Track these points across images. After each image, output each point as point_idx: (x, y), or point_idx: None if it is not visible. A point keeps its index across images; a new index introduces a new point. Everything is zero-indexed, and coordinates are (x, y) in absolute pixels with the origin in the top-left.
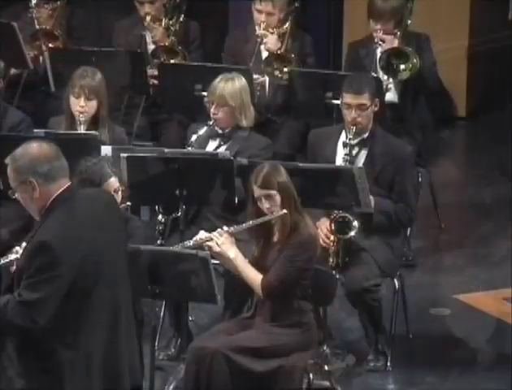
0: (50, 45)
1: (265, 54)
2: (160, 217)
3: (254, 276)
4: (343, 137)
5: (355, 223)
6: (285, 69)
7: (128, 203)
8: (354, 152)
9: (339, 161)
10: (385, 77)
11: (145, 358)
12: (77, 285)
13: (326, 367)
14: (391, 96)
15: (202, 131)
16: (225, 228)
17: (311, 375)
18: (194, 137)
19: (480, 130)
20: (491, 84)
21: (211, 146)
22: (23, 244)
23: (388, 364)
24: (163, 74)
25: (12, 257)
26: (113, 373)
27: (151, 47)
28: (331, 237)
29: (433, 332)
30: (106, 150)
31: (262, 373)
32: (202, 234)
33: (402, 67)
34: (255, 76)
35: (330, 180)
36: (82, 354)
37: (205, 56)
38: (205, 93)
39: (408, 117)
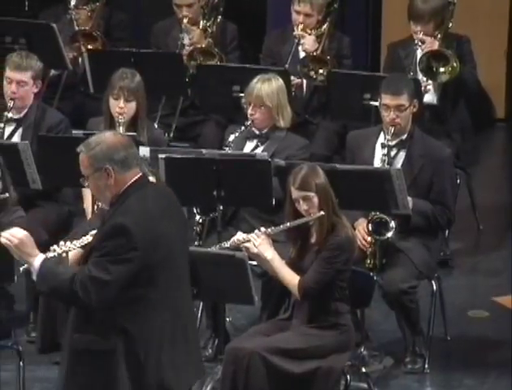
0: (89, 46)
1: (302, 55)
2: (197, 218)
3: (291, 278)
4: (381, 139)
5: (392, 225)
6: (321, 71)
7: None
8: (393, 153)
9: (377, 162)
10: (424, 79)
11: None
12: (145, 273)
13: (363, 369)
14: (430, 98)
15: (240, 132)
16: (262, 229)
17: (348, 377)
18: (232, 138)
19: None
20: None
21: (249, 147)
22: (61, 243)
23: (426, 366)
24: (201, 75)
25: (50, 255)
26: (176, 366)
27: (188, 49)
28: (369, 238)
29: (471, 334)
30: (144, 151)
31: (300, 374)
32: (240, 235)
33: (442, 69)
34: (291, 77)
35: (368, 182)
36: (140, 343)
37: (242, 57)
38: (242, 95)
39: (447, 119)
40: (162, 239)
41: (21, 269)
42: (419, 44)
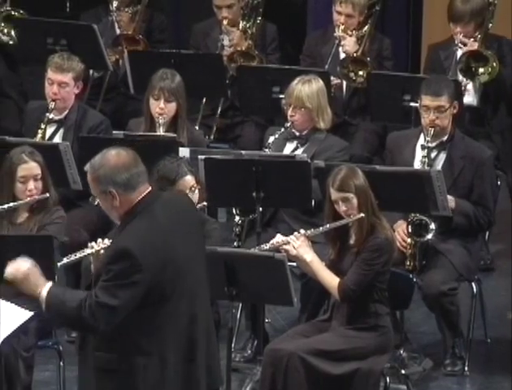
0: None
1: (342, 56)
2: (237, 219)
3: (331, 279)
4: (421, 140)
5: (432, 226)
6: (360, 72)
7: (205, 203)
8: (433, 155)
9: (417, 164)
10: (463, 79)
11: (222, 360)
12: (156, 291)
13: (403, 371)
14: (470, 99)
15: (279, 133)
16: (302, 231)
17: (388, 379)
18: (271, 139)
19: None
20: None
21: (288, 148)
22: (99, 240)
23: (466, 368)
24: (241, 76)
25: (87, 251)
26: (189, 380)
27: (228, 50)
28: (408, 240)
29: (511, 337)
30: (184, 152)
31: (339, 376)
32: (279, 237)
33: (481, 70)
34: (331, 78)
35: (408, 183)
36: (156, 360)
37: (283, 58)
38: (282, 96)
39: (488, 121)
40: (171, 255)
41: (59, 264)
42: (460, 45)
